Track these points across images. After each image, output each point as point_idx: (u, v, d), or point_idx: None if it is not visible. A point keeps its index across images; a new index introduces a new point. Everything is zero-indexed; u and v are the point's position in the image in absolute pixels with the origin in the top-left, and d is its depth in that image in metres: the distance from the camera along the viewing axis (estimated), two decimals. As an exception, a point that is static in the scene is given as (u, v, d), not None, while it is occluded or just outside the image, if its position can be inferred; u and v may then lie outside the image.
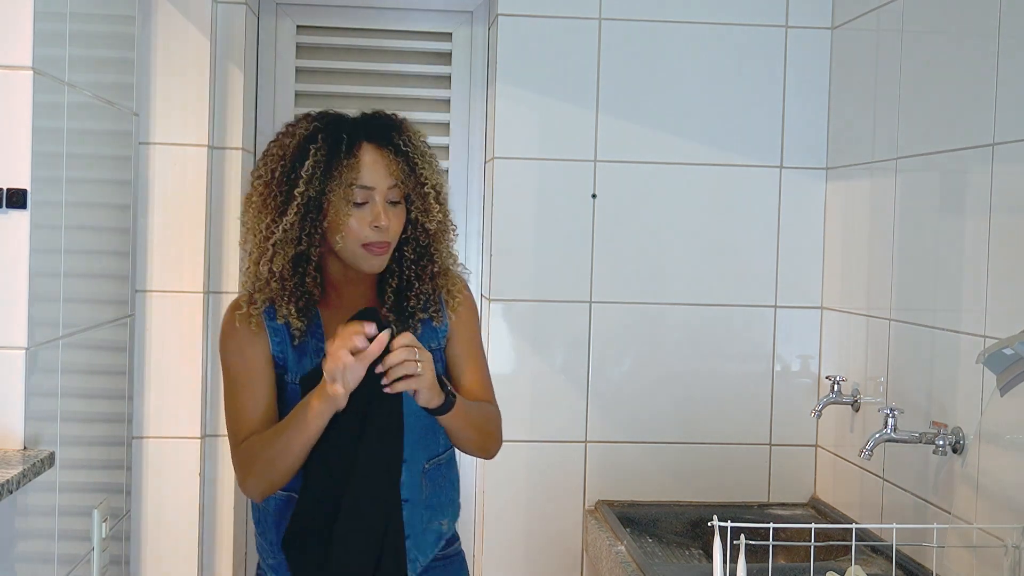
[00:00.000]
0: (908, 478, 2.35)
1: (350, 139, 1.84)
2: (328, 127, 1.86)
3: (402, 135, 1.90)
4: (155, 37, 2.56)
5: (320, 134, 1.84)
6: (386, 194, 1.85)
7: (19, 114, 1.79)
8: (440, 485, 1.97)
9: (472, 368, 1.99)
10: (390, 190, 1.85)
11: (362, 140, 1.85)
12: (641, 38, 2.78)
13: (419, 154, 1.88)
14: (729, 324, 2.83)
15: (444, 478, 1.98)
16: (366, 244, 1.83)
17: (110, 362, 2.38)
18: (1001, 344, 1.79)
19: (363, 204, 1.83)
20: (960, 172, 2.17)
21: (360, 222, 1.83)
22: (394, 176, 1.85)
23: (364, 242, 1.83)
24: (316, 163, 1.81)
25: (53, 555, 1.99)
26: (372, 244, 1.84)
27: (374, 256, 1.85)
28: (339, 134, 1.84)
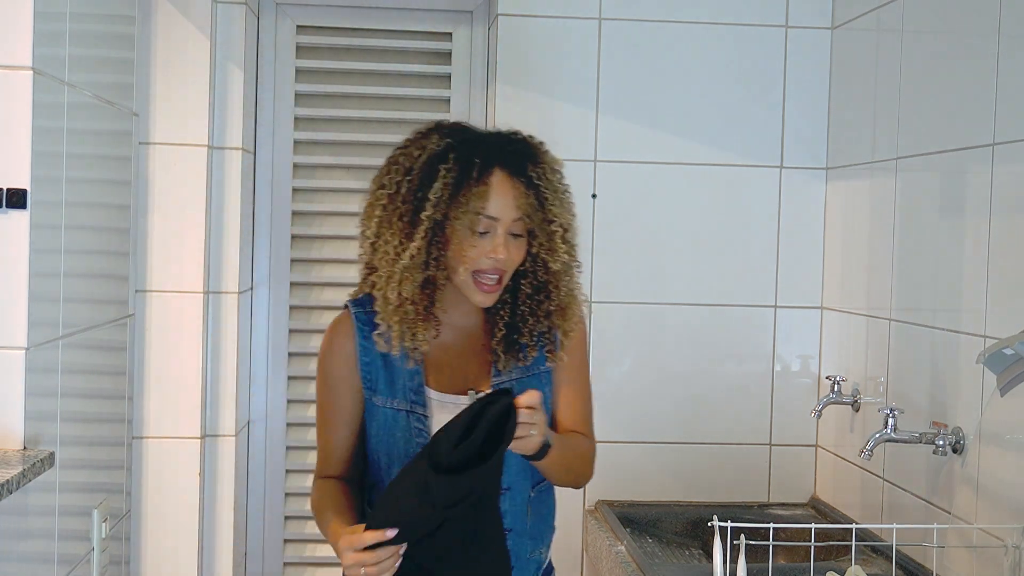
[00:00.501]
0: (908, 478, 2.35)
1: (483, 164, 1.75)
2: (460, 147, 1.78)
3: (537, 166, 1.79)
4: (155, 37, 2.56)
5: (451, 153, 1.76)
6: (509, 226, 1.75)
7: (19, 114, 1.79)
8: (540, 512, 1.90)
9: (572, 398, 1.90)
10: (514, 223, 1.76)
11: (495, 166, 1.76)
12: (641, 38, 2.78)
13: (552, 189, 1.78)
14: (729, 324, 2.83)
15: (544, 504, 1.91)
16: (477, 271, 1.75)
17: (110, 362, 2.38)
18: (1001, 344, 1.79)
19: (485, 233, 1.75)
20: (960, 172, 2.17)
21: (477, 249, 1.75)
22: (521, 209, 1.75)
23: (476, 268, 1.75)
24: (445, 186, 1.73)
25: (53, 555, 1.99)
26: (483, 272, 1.75)
27: (483, 291, 1.77)
28: (471, 157, 1.75)
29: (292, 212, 2.93)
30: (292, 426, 2.95)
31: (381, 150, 2.95)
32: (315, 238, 2.95)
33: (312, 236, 2.95)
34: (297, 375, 2.95)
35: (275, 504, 2.94)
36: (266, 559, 2.93)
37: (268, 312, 2.93)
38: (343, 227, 2.94)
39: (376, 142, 2.95)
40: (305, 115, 2.94)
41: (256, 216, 2.91)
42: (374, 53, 2.96)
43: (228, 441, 2.67)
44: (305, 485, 2.95)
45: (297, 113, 2.93)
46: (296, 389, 2.95)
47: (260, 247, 2.92)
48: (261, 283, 2.93)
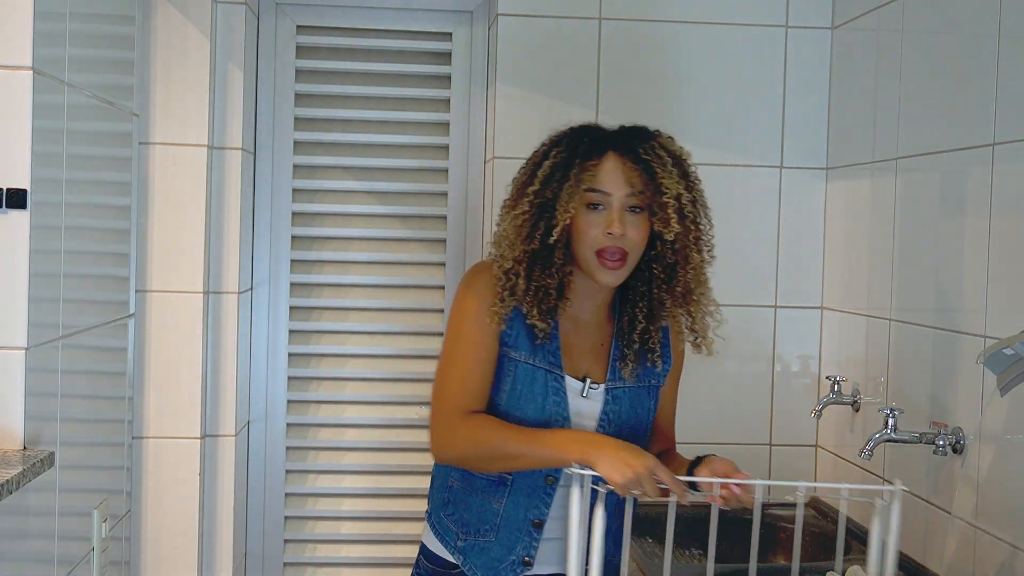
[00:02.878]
0: (908, 478, 2.35)
1: (592, 144, 1.85)
2: (575, 132, 1.89)
3: (646, 143, 1.86)
4: (155, 37, 2.56)
5: (566, 139, 1.87)
6: (624, 201, 1.82)
7: (19, 114, 1.79)
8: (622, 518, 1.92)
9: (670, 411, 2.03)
10: (628, 197, 1.82)
11: (607, 149, 1.85)
12: (641, 38, 2.78)
13: (660, 163, 1.83)
14: (729, 324, 2.82)
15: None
16: (600, 251, 1.81)
17: (110, 362, 2.38)
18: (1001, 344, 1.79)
19: (599, 209, 1.82)
20: (960, 172, 2.17)
21: (595, 227, 1.81)
22: (631, 184, 1.81)
23: (598, 247, 1.81)
24: (555, 165, 1.83)
25: (53, 555, 1.99)
26: (605, 251, 1.81)
27: (607, 269, 1.82)
28: (583, 138, 1.86)
29: (292, 212, 2.93)
30: (292, 426, 2.95)
31: (381, 150, 2.98)
32: (315, 239, 2.95)
33: (312, 237, 2.95)
34: (297, 375, 2.95)
35: (275, 504, 2.94)
36: (266, 559, 2.93)
37: (268, 312, 2.93)
38: (343, 227, 2.95)
39: (376, 143, 2.96)
40: (305, 115, 2.93)
41: (256, 216, 2.91)
42: (374, 53, 2.96)
43: (228, 441, 2.67)
44: (305, 485, 2.95)
45: (297, 114, 2.93)
46: (296, 389, 2.95)
47: (260, 247, 2.92)
48: (261, 283, 2.93)
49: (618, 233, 1.80)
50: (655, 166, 1.82)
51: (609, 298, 1.93)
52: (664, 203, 1.80)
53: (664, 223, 1.81)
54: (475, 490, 1.91)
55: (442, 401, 1.88)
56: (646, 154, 1.83)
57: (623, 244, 1.81)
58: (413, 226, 2.96)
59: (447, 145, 2.96)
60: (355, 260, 2.95)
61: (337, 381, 2.96)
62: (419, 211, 2.95)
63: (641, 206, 1.83)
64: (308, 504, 2.97)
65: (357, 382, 2.96)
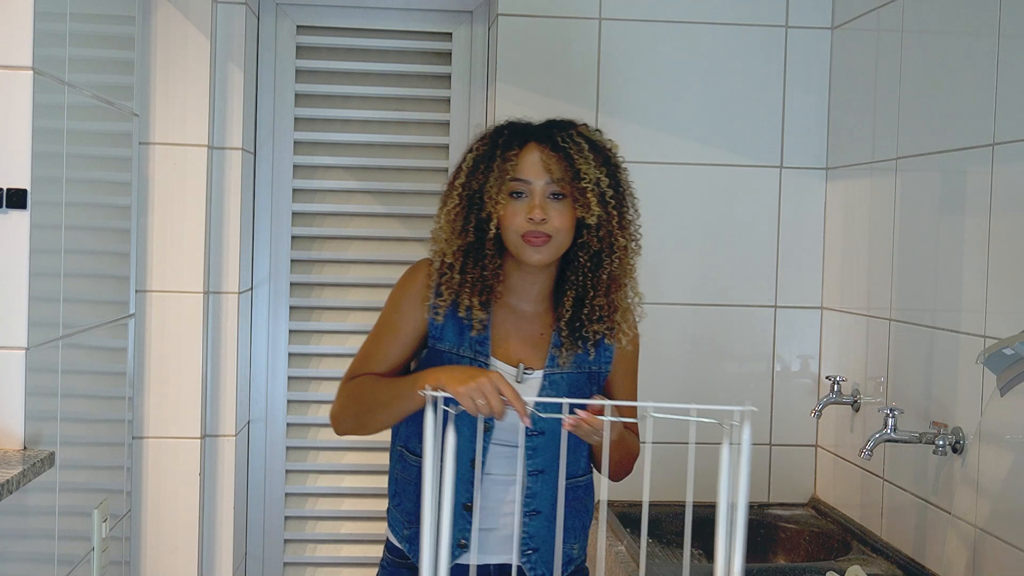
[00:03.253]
0: (908, 478, 2.35)
1: (514, 136, 1.91)
2: (498, 127, 1.94)
3: (564, 131, 1.91)
4: (155, 37, 2.56)
5: (488, 133, 1.94)
6: (544, 188, 1.87)
7: (19, 114, 1.79)
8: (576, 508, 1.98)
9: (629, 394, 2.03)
10: (548, 185, 1.87)
11: (529, 140, 1.90)
12: (641, 38, 2.78)
13: (579, 150, 1.88)
14: (729, 324, 2.83)
15: (581, 501, 1.99)
16: (524, 235, 1.86)
17: (110, 362, 2.38)
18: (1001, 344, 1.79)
19: (522, 197, 1.87)
20: (960, 172, 2.17)
21: (518, 214, 1.86)
22: (550, 172, 1.87)
23: (522, 232, 1.86)
24: (477, 158, 1.90)
25: (53, 555, 1.99)
26: (529, 234, 1.86)
27: (533, 248, 1.86)
28: (503, 131, 1.92)
29: (292, 212, 2.94)
30: (292, 426, 2.95)
31: (381, 150, 2.98)
32: (315, 238, 2.95)
33: (312, 236, 2.95)
34: (297, 375, 2.95)
35: (275, 504, 2.94)
36: (266, 559, 2.93)
37: (268, 312, 2.93)
38: (343, 227, 2.95)
39: (376, 142, 2.96)
40: (305, 115, 2.94)
41: (256, 216, 2.91)
42: (374, 53, 2.96)
43: (228, 441, 2.67)
44: (305, 485, 2.95)
45: (297, 114, 2.93)
46: (296, 389, 2.95)
47: (260, 247, 2.92)
48: (261, 283, 2.93)
49: (539, 218, 1.85)
50: (573, 153, 1.88)
51: (548, 288, 1.96)
52: (583, 188, 1.86)
53: (584, 208, 1.87)
54: (412, 479, 1.94)
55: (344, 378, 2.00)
56: (564, 142, 1.89)
57: (546, 229, 1.86)
58: (413, 226, 2.96)
59: (447, 145, 2.96)
60: (355, 260, 2.95)
61: (337, 381, 2.95)
62: (419, 211, 2.95)
63: (563, 193, 1.87)
64: (308, 504, 2.97)
65: (357, 382, 2.95)
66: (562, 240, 1.88)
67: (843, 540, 2.49)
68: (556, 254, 1.89)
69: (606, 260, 1.91)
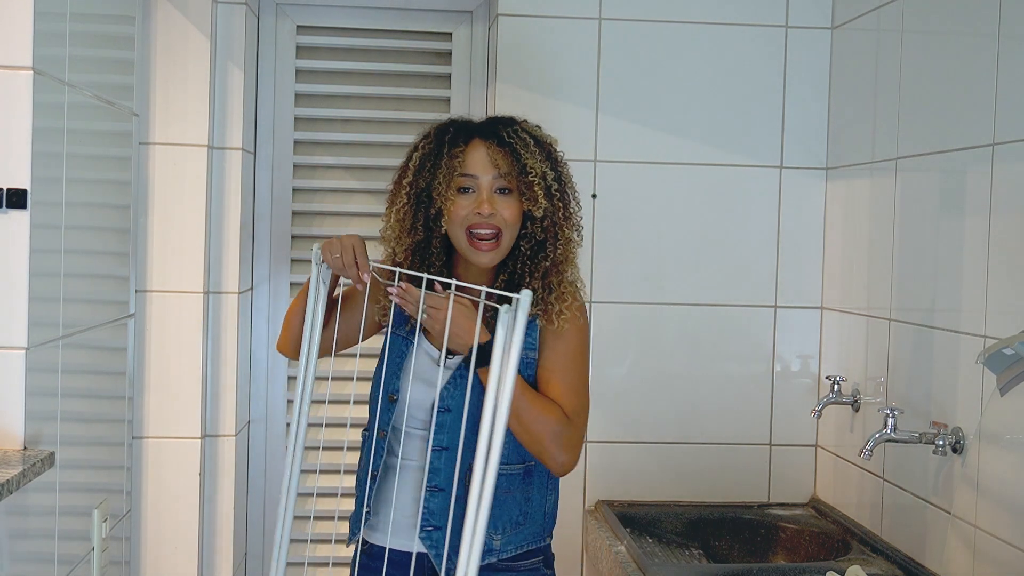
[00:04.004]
0: (908, 478, 2.35)
1: (457, 133, 1.94)
2: (443, 125, 1.98)
3: (509, 127, 1.94)
4: (155, 37, 2.56)
5: (435, 131, 1.97)
6: (491, 183, 1.91)
7: (19, 114, 1.79)
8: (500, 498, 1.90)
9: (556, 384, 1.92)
10: (495, 179, 1.91)
11: (473, 136, 1.94)
12: (641, 38, 2.78)
13: (524, 145, 1.91)
14: (729, 324, 2.83)
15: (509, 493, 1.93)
16: (471, 228, 1.89)
17: (110, 362, 2.38)
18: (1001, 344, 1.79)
19: (469, 192, 1.91)
20: (960, 172, 2.17)
21: (465, 208, 1.89)
22: (497, 167, 1.90)
23: (468, 225, 1.89)
24: (424, 155, 1.94)
25: (53, 555, 1.99)
26: (476, 228, 1.89)
27: (480, 249, 1.90)
28: (449, 129, 1.96)
29: (292, 212, 2.94)
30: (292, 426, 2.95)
31: (381, 150, 2.98)
32: (315, 238, 2.95)
33: (312, 236, 2.95)
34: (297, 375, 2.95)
35: (275, 504, 2.94)
36: (266, 559, 2.93)
37: (268, 312, 2.93)
38: (343, 227, 2.94)
39: (376, 142, 2.96)
40: (305, 115, 2.94)
41: (256, 216, 2.91)
42: (374, 53, 2.96)
43: (228, 441, 2.67)
44: (305, 485, 2.95)
45: (297, 113, 2.93)
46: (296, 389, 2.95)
47: (260, 247, 2.92)
48: (261, 283, 2.93)
49: (487, 212, 1.88)
50: (519, 148, 1.91)
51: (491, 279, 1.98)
52: (530, 182, 1.90)
53: (532, 201, 1.90)
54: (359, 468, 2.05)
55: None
56: (509, 137, 1.92)
57: (495, 222, 1.90)
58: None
59: (447, 145, 2.95)
60: (355, 260, 2.95)
61: (337, 381, 2.96)
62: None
63: (510, 187, 1.91)
64: (308, 504, 2.97)
65: (357, 382, 2.96)
66: (510, 235, 1.92)
67: (843, 540, 2.49)
68: (504, 252, 1.93)
69: (549, 249, 1.93)
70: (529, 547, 1.97)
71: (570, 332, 1.94)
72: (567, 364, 1.94)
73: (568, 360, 1.94)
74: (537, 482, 1.98)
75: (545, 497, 1.99)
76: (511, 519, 1.94)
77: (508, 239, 1.92)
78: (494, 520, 1.91)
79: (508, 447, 1.91)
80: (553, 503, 2.02)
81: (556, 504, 2.03)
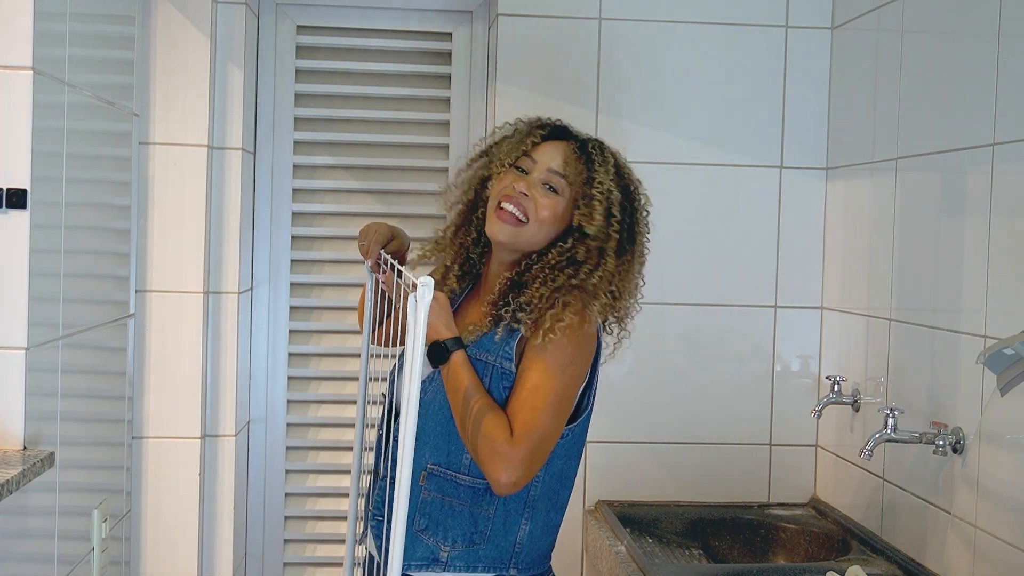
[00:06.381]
0: (908, 478, 2.35)
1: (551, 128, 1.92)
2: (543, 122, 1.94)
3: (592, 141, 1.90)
4: (155, 37, 2.56)
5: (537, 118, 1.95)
6: (546, 175, 1.85)
7: (19, 114, 1.79)
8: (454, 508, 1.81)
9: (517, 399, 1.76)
10: (552, 174, 1.85)
11: (560, 136, 1.91)
12: (641, 38, 2.78)
13: (602, 160, 1.86)
14: (729, 324, 2.83)
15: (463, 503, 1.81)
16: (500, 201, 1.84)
17: (110, 362, 2.38)
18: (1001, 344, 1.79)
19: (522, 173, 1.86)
20: (960, 172, 2.17)
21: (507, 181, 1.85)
22: (564, 167, 1.84)
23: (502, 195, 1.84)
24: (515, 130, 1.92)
25: (53, 555, 1.99)
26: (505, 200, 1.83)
27: (498, 217, 1.83)
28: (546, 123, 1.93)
29: (292, 212, 2.94)
30: (292, 426, 2.95)
31: (381, 150, 2.98)
32: (315, 238, 2.95)
33: (312, 236, 2.95)
34: (297, 375, 2.95)
35: (275, 504, 2.94)
36: (266, 559, 2.93)
37: (268, 312, 2.93)
38: (343, 227, 2.95)
39: (376, 142, 2.96)
40: (305, 115, 2.94)
41: (256, 216, 2.91)
42: (374, 53, 2.96)
43: (228, 441, 2.67)
44: (305, 485, 2.96)
45: (297, 113, 2.93)
46: (296, 389, 2.95)
47: (260, 247, 2.92)
48: (261, 283, 2.93)
49: (521, 191, 1.83)
50: (596, 160, 1.85)
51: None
52: (591, 194, 1.82)
53: (587, 216, 1.82)
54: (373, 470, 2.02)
55: None
56: (592, 148, 1.87)
57: (527, 206, 1.83)
58: (413, 226, 2.94)
59: (447, 145, 2.96)
60: (355, 260, 2.95)
61: (337, 381, 2.96)
62: (419, 211, 2.95)
63: (558, 189, 1.84)
64: (308, 504, 2.97)
65: (357, 382, 2.95)
66: (537, 230, 1.83)
67: (843, 540, 2.49)
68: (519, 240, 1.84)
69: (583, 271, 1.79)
70: (484, 571, 1.82)
71: (553, 350, 1.76)
72: (537, 381, 1.75)
73: (541, 376, 1.76)
74: (507, 505, 1.81)
75: (516, 524, 1.83)
76: (463, 533, 1.81)
77: (532, 233, 1.83)
78: (443, 528, 1.81)
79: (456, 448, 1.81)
80: (529, 535, 1.83)
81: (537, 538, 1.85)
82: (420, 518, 1.84)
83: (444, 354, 1.78)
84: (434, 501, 1.83)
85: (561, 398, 1.77)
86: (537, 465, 1.76)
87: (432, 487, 1.83)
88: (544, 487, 1.84)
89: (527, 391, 1.75)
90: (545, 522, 1.86)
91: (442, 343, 1.78)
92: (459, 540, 1.82)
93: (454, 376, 1.78)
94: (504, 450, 1.72)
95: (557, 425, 1.78)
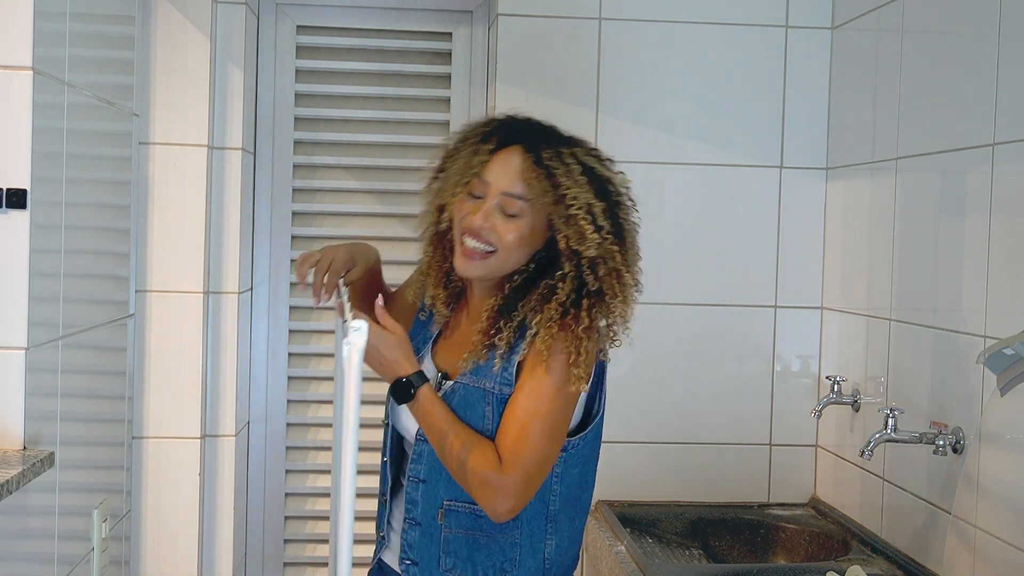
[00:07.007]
0: (908, 478, 2.35)
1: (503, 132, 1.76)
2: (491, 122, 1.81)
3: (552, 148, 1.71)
4: (155, 37, 2.56)
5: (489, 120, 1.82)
6: (501, 199, 1.70)
7: (19, 114, 1.79)
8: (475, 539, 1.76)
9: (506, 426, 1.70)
10: (506, 197, 1.70)
11: (515, 141, 1.74)
12: (641, 38, 2.78)
13: (565, 170, 1.67)
14: (729, 324, 2.83)
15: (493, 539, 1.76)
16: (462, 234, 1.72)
17: (110, 362, 2.38)
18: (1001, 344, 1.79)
19: (479, 198, 1.72)
20: (960, 172, 2.17)
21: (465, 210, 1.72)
22: (520, 187, 1.69)
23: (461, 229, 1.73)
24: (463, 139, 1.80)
25: (53, 555, 1.99)
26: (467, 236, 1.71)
27: (463, 254, 1.72)
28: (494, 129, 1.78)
29: (292, 212, 2.94)
30: (292, 426, 2.95)
31: (381, 150, 2.98)
32: (315, 238, 2.95)
33: (312, 236, 2.95)
34: (297, 375, 2.95)
35: (275, 504, 2.94)
36: (266, 559, 2.93)
37: (268, 312, 2.93)
38: (343, 227, 2.95)
39: (376, 142, 2.96)
40: (305, 115, 2.94)
41: (256, 216, 2.91)
42: (374, 53, 2.96)
43: (228, 441, 2.67)
44: (305, 485, 2.96)
45: (297, 113, 2.93)
46: (296, 389, 2.95)
47: (260, 247, 2.92)
48: (261, 283, 2.93)
49: (477, 225, 1.69)
50: (556, 171, 1.67)
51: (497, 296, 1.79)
52: (571, 214, 1.66)
53: (579, 238, 1.67)
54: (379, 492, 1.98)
55: None
56: (549, 160, 1.69)
57: (489, 236, 1.70)
58: (413, 226, 2.95)
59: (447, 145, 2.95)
60: (355, 260, 2.95)
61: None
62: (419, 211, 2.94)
63: (517, 212, 1.70)
64: (308, 504, 2.97)
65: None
66: (506, 259, 1.72)
67: (843, 540, 2.49)
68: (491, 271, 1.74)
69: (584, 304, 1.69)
70: None
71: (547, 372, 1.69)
72: (529, 405, 1.69)
73: (534, 400, 1.69)
74: (531, 525, 1.77)
75: (543, 541, 1.78)
76: (492, 564, 1.76)
77: (503, 260, 1.73)
78: (471, 563, 1.76)
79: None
80: (556, 548, 1.79)
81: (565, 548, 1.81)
82: (445, 558, 1.78)
83: (409, 389, 1.71)
84: (457, 538, 1.78)
85: (555, 419, 1.71)
86: (533, 489, 1.72)
87: (452, 523, 1.78)
88: (563, 498, 1.80)
89: (518, 416, 1.69)
90: (570, 530, 1.82)
91: (404, 379, 1.71)
92: (490, 572, 1.77)
93: (427, 412, 1.72)
94: (495, 480, 1.67)
95: (553, 445, 1.72)
